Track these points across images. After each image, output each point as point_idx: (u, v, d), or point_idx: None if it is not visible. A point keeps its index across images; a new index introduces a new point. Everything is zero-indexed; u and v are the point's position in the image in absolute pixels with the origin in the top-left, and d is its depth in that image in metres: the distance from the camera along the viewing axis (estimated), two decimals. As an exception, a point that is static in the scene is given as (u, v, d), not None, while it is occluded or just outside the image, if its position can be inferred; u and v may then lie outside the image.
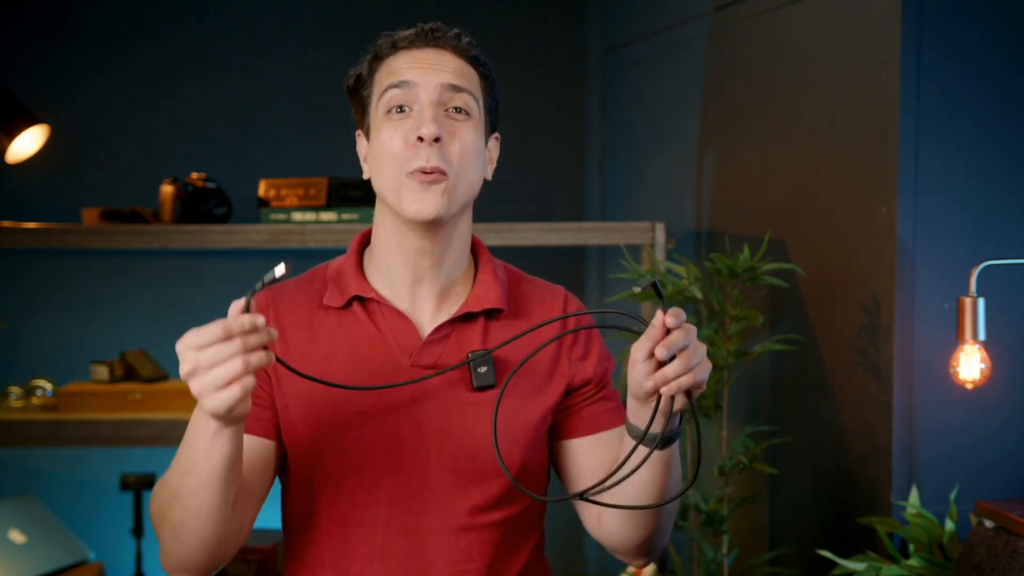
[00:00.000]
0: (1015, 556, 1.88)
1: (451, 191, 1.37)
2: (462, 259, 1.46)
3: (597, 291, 3.65)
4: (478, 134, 1.41)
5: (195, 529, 1.28)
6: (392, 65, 1.40)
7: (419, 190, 1.36)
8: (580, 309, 1.51)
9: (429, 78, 1.38)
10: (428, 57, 1.40)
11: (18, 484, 3.32)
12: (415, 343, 1.41)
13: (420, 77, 1.38)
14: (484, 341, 1.43)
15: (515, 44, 3.69)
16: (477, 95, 1.41)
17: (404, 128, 1.37)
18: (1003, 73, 2.16)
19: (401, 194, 1.37)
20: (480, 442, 1.39)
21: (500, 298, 1.44)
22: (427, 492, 1.39)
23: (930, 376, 2.15)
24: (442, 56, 1.41)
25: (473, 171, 1.40)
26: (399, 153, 1.37)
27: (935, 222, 2.15)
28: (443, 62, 1.40)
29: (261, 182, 2.90)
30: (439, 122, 1.36)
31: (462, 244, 1.45)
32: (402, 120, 1.38)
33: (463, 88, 1.39)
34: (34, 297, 3.43)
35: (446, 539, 1.40)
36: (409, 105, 1.38)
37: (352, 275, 1.44)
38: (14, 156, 2.97)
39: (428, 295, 1.44)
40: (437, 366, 1.41)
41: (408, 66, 1.39)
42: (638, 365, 1.25)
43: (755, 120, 2.72)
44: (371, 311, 1.43)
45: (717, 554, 2.44)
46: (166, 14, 3.50)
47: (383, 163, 1.39)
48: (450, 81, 1.39)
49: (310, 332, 1.43)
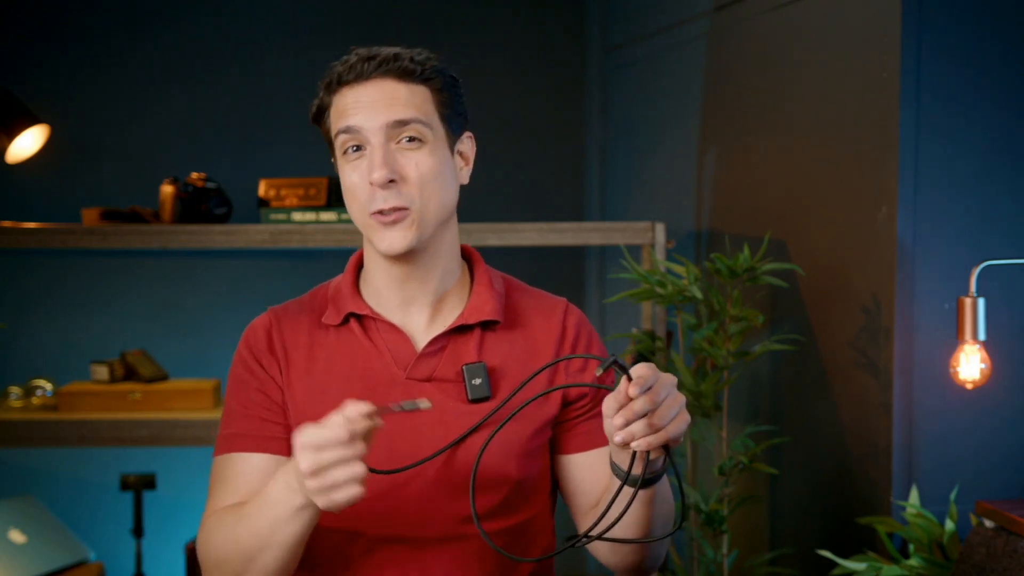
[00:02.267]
0: (1015, 556, 1.88)
1: (418, 222, 1.38)
2: (452, 270, 1.47)
3: (597, 291, 3.65)
4: (437, 155, 1.39)
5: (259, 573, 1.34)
6: (339, 104, 1.39)
7: (384, 229, 1.38)
8: (581, 319, 1.51)
9: (373, 119, 1.36)
10: (371, 93, 1.37)
11: (18, 484, 3.32)
12: (410, 356, 1.43)
13: (364, 120, 1.36)
14: (480, 353, 1.43)
15: (515, 44, 3.69)
16: (429, 117, 1.39)
17: (361, 169, 1.38)
18: (1003, 73, 2.15)
19: (370, 232, 1.40)
20: (475, 453, 1.38)
21: (496, 310, 1.45)
22: (424, 503, 1.39)
23: (930, 376, 2.15)
24: (384, 88, 1.37)
25: (440, 192, 1.40)
26: (359, 195, 1.38)
27: (935, 222, 2.15)
28: (386, 95, 1.37)
29: (261, 182, 2.90)
30: (389, 163, 1.36)
31: (450, 256, 1.46)
32: (358, 160, 1.38)
33: (409, 120, 1.37)
34: (34, 297, 3.43)
35: (443, 550, 1.40)
36: (363, 144, 1.38)
37: (348, 293, 1.46)
38: (14, 156, 2.97)
39: (421, 310, 1.45)
40: (432, 378, 1.42)
41: (353, 107, 1.37)
42: (607, 420, 1.26)
43: (755, 120, 2.72)
44: (367, 327, 1.45)
45: (717, 554, 2.44)
46: (166, 14, 3.50)
47: (350, 202, 1.41)
48: (395, 118, 1.36)
49: (310, 351, 1.45)
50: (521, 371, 1.44)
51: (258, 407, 1.43)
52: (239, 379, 1.45)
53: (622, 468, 1.30)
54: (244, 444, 1.42)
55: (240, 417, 1.43)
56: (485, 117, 3.59)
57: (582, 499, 1.47)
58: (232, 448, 1.42)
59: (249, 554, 1.31)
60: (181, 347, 3.33)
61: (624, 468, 1.29)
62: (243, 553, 1.31)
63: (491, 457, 1.38)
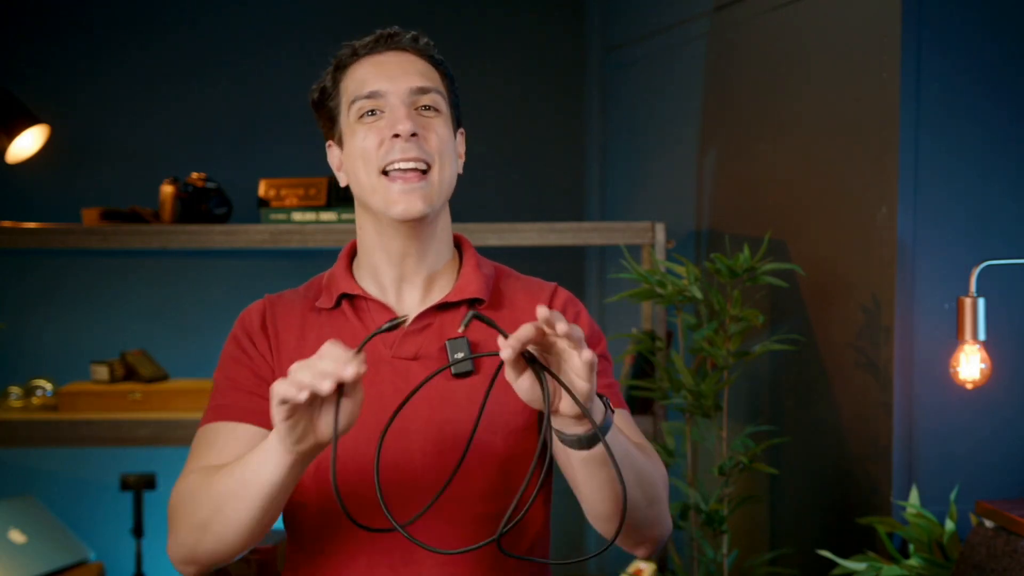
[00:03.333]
0: (1015, 556, 1.88)
1: (434, 185, 1.41)
2: (443, 253, 1.50)
3: (597, 291, 3.66)
4: (449, 129, 1.45)
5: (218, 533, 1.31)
6: (356, 73, 1.43)
7: (402, 190, 1.39)
8: (569, 299, 1.52)
9: (396, 84, 1.41)
10: (391, 62, 1.43)
11: (18, 484, 3.32)
12: (396, 334, 1.44)
13: (387, 85, 1.41)
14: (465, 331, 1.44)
15: (515, 44, 3.69)
16: (443, 93, 1.45)
17: (378, 127, 1.41)
18: (1003, 73, 2.16)
19: (383, 195, 1.40)
20: (461, 429, 1.39)
21: (480, 289, 1.47)
22: (413, 481, 1.40)
23: (930, 376, 2.15)
24: (404, 59, 1.44)
25: (450, 165, 1.44)
26: (374, 151, 1.40)
27: (935, 222, 2.15)
28: (407, 65, 1.43)
29: (261, 182, 2.90)
30: (413, 119, 1.40)
31: (444, 236, 1.49)
32: (375, 121, 1.41)
33: (430, 88, 1.43)
34: (34, 297, 3.44)
35: (432, 531, 1.39)
36: (380, 109, 1.41)
37: (341, 277, 1.49)
38: (14, 156, 2.97)
39: (413, 290, 1.48)
40: (418, 356, 1.44)
41: (373, 75, 1.42)
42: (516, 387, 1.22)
43: (755, 120, 2.72)
44: (358, 308, 1.47)
45: (717, 554, 2.44)
46: (166, 14, 3.50)
47: (358, 165, 1.42)
48: (417, 84, 1.42)
49: (301, 333, 1.47)
50: None
51: (247, 381, 1.44)
52: (230, 356, 1.47)
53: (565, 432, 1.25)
54: (230, 414, 1.42)
55: (228, 390, 1.44)
56: (486, 117, 3.60)
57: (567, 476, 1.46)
58: (218, 417, 1.43)
59: (218, 503, 1.29)
60: (181, 347, 3.33)
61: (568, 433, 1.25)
62: (213, 502, 1.30)
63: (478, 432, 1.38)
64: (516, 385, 1.23)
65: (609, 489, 1.30)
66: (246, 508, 1.28)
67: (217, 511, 1.29)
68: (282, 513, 1.49)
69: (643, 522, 1.38)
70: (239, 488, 1.27)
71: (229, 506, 1.28)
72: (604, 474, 1.29)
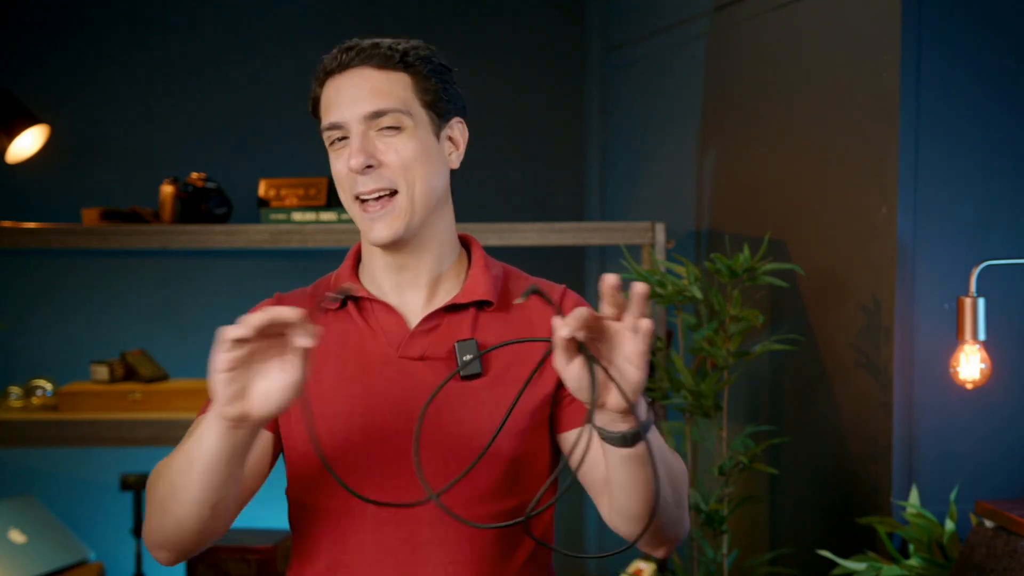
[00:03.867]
0: (1015, 556, 1.88)
1: (406, 208, 1.40)
2: (447, 254, 1.48)
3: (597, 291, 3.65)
4: (418, 139, 1.41)
5: (175, 513, 1.31)
6: (325, 97, 1.43)
7: (370, 219, 1.41)
8: (579, 302, 1.50)
9: (351, 111, 1.40)
10: (348, 85, 1.41)
11: (18, 484, 3.32)
12: (403, 335, 1.44)
13: (343, 113, 1.40)
14: (473, 332, 1.44)
15: (515, 44, 3.69)
16: (408, 104, 1.41)
17: (344, 156, 1.41)
18: (1003, 73, 2.16)
19: (357, 220, 1.43)
20: (467, 430, 1.39)
21: (489, 291, 1.46)
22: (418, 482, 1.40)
23: (930, 376, 2.15)
24: (362, 78, 1.41)
25: (426, 176, 1.41)
26: (344, 181, 1.42)
27: (935, 222, 2.15)
28: (363, 86, 1.40)
29: (261, 182, 2.90)
30: (368, 148, 1.39)
31: (444, 240, 1.48)
32: (342, 149, 1.42)
33: (386, 109, 1.39)
34: (34, 297, 3.43)
35: (437, 529, 1.40)
36: (345, 135, 1.41)
37: (347, 278, 1.49)
38: (14, 156, 2.97)
39: (417, 293, 1.47)
40: (424, 357, 1.43)
41: (333, 102, 1.41)
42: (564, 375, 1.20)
43: (755, 120, 2.72)
44: (363, 308, 1.47)
45: (717, 554, 2.44)
46: (166, 14, 3.50)
47: (339, 190, 1.45)
48: (371, 109, 1.39)
49: None
50: (515, 351, 1.43)
51: None
52: None
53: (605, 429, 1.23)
54: None
55: None
56: (485, 117, 3.60)
57: (592, 474, 1.45)
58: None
59: (171, 481, 1.30)
60: (181, 347, 3.33)
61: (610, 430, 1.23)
62: (168, 481, 1.31)
63: (483, 433, 1.38)
64: (565, 372, 1.19)
65: (644, 488, 1.29)
66: (192, 483, 1.27)
67: (172, 489, 1.30)
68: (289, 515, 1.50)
69: (670, 522, 1.37)
70: (185, 464, 1.28)
71: (179, 483, 1.29)
72: (642, 473, 1.28)
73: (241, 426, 1.22)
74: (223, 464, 1.25)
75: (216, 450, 1.24)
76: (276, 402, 1.20)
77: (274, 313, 1.15)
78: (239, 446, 1.25)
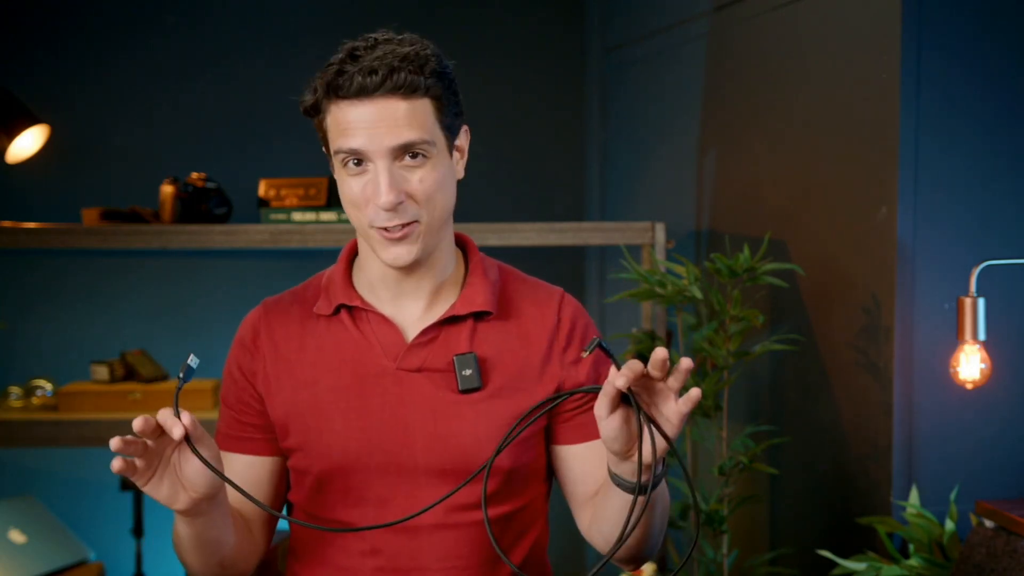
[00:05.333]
0: (1015, 556, 1.88)
1: (424, 234, 1.37)
2: (448, 265, 1.46)
3: (597, 291, 3.66)
4: (440, 167, 1.37)
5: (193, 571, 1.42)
6: (339, 118, 1.34)
7: (389, 244, 1.36)
8: (577, 310, 1.51)
9: (377, 142, 1.32)
10: (373, 115, 1.32)
11: (18, 484, 3.32)
12: (400, 347, 1.43)
13: (368, 143, 1.32)
14: (471, 343, 1.43)
15: (515, 44, 3.69)
16: (431, 131, 1.35)
17: (363, 183, 1.35)
18: (1003, 73, 2.15)
19: (373, 243, 1.38)
20: (466, 443, 1.40)
21: (487, 301, 1.45)
22: (416, 491, 1.40)
23: (930, 376, 2.15)
24: (388, 109, 1.32)
25: (443, 202, 1.38)
26: (362, 207, 1.36)
27: (935, 222, 2.15)
28: (389, 116, 1.32)
29: (261, 182, 2.90)
30: (396, 185, 1.33)
31: (445, 251, 1.45)
32: (360, 174, 1.35)
33: (414, 141, 1.33)
34: (34, 297, 3.43)
35: (435, 536, 1.41)
36: (365, 160, 1.34)
37: (340, 284, 1.46)
38: (14, 156, 2.97)
39: (415, 303, 1.45)
40: (422, 369, 1.42)
41: (355, 127, 1.33)
42: (603, 423, 1.24)
43: (755, 120, 2.72)
44: (357, 318, 1.45)
45: (717, 554, 2.44)
46: (166, 15, 3.50)
47: (350, 209, 1.38)
48: (399, 142, 1.32)
49: (300, 341, 1.46)
50: (513, 361, 1.44)
51: (234, 407, 1.49)
52: (226, 374, 1.51)
53: (623, 478, 1.29)
54: (229, 444, 1.48)
55: (223, 415, 1.50)
56: (485, 117, 3.60)
57: (580, 489, 1.47)
58: (220, 446, 1.48)
59: (177, 550, 1.41)
60: (181, 347, 3.33)
61: (626, 479, 1.29)
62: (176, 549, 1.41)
63: (481, 446, 1.39)
64: (604, 422, 1.23)
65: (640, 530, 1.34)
66: (187, 554, 1.37)
67: (181, 557, 1.40)
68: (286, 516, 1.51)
69: (652, 549, 1.42)
70: (177, 540, 1.37)
71: (181, 555, 1.39)
72: (647, 517, 1.33)
73: (198, 512, 1.28)
74: (205, 539, 1.33)
75: (191, 534, 1.32)
76: (207, 477, 1.24)
77: (136, 426, 1.19)
78: (210, 521, 1.31)
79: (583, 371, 1.47)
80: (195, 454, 1.22)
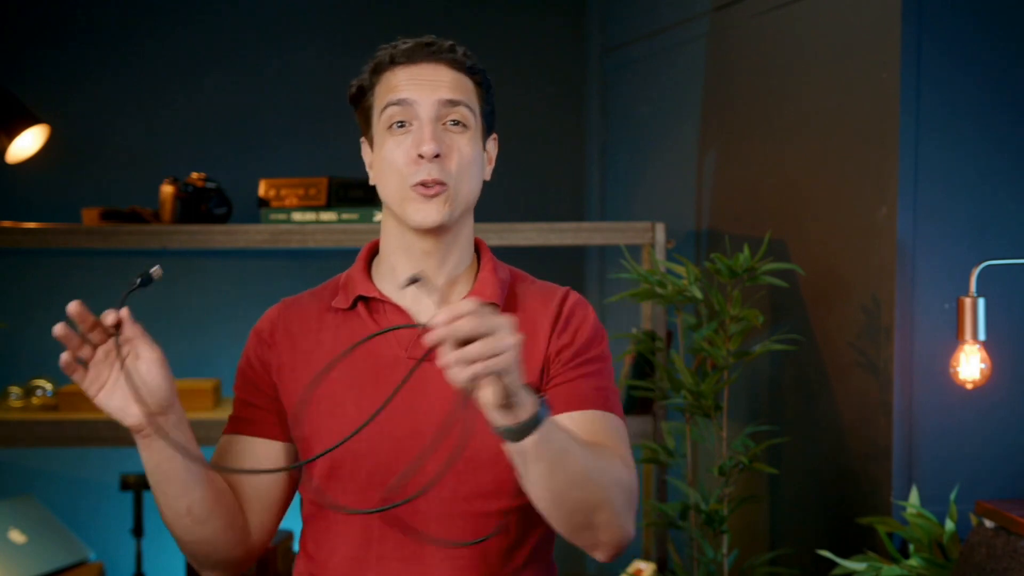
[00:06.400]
0: (1015, 556, 1.88)
1: (452, 200, 1.44)
2: (464, 258, 1.51)
3: (597, 291, 3.65)
4: (475, 143, 1.46)
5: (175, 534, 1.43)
6: (391, 81, 1.45)
7: (422, 202, 1.43)
8: (579, 302, 1.53)
9: (427, 95, 1.43)
10: (425, 73, 1.44)
11: (18, 484, 3.31)
12: (411, 335, 1.46)
13: (418, 95, 1.43)
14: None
15: (515, 44, 3.69)
16: (473, 105, 1.46)
17: (406, 144, 1.43)
18: (1003, 73, 2.16)
19: (405, 205, 1.44)
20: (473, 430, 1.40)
21: (496, 294, 1.49)
22: (423, 480, 1.41)
23: (930, 376, 2.15)
24: (438, 71, 1.45)
25: (472, 179, 1.46)
26: (402, 167, 1.43)
27: (935, 222, 2.15)
28: (439, 77, 1.44)
29: (261, 182, 2.90)
30: (438, 138, 1.42)
31: (465, 245, 1.51)
32: (403, 135, 1.44)
33: (459, 102, 1.44)
34: (34, 297, 3.43)
35: (441, 525, 1.42)
36: (409, 121, 1.44)
37: (359, 279, 1.51)
38: (14, 156, 2.97)
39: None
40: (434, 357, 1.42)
41: (406, 83, 1.44)
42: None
43: (755, 120, 2.72)
44: (374, 310, 1.49)
45: (717, 554, 2.44)
46: (166, 14, 3.50)
47: (387, 175, 1.45)
48: (446, 97, 1.44)
49: (317, 335, 1.50)
50: None
51: (250, 394, 1.52)
52: (241, 368, 1.54)
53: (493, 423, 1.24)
54: (236, 427, 1.51)
55: (237, 402, 1.53)
56: (485, 117, 3.60)
57: None
58: (228, 430, 1.52)
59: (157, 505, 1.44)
60: (181, 347, 3.33)
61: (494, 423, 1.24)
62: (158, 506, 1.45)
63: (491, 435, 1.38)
64: None
65: (542, 486, 1.29)
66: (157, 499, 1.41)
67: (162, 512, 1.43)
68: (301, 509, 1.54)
69: (586, 524, 1.35)
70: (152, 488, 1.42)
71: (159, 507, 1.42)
72: (535, 470, 1.28)
73: (155, 430, 1.35)
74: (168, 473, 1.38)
75: (153, 466, 1.38)
76: (156, 381, 1.38)
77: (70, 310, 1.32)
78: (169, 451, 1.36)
79: (567, 336, 1.48)
80: None
